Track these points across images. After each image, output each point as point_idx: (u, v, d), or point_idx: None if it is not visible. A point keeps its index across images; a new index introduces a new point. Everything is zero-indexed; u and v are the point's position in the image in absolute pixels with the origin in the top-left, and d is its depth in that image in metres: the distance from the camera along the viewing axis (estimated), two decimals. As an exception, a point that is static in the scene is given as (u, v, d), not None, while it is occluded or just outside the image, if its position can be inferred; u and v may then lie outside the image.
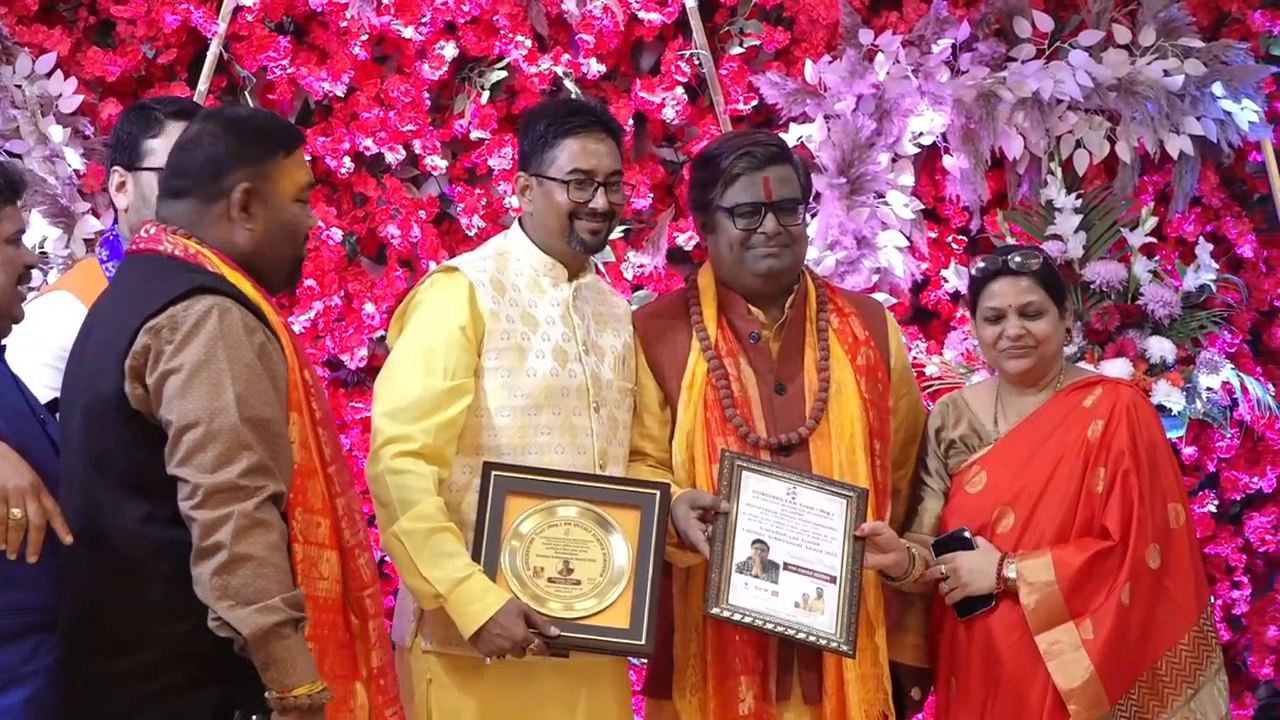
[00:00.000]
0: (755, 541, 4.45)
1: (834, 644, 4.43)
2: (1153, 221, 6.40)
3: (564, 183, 4.60)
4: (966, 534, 4.69)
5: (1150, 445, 4.73)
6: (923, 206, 6.51)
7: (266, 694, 3.63)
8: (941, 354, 6.45)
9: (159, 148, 4.43)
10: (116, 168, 4.53)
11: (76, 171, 6.08)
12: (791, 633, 4.43)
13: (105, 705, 3.70)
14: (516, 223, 4.74)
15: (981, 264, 4.85)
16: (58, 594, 3.80)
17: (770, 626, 4.43)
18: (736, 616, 4.42)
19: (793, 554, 4.47)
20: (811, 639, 4.43)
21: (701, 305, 4.73)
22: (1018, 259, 4.78)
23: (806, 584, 4.45)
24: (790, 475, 4.51)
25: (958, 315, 6.48)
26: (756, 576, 4.44)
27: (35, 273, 4.93)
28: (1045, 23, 6.52)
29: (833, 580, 4.46)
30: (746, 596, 4.43)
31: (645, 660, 4.65)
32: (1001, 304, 4.77)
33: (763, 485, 4.49)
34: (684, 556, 4.58)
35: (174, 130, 4.35)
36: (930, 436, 4.89)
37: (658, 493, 4.49)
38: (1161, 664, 4.64)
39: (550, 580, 4.43)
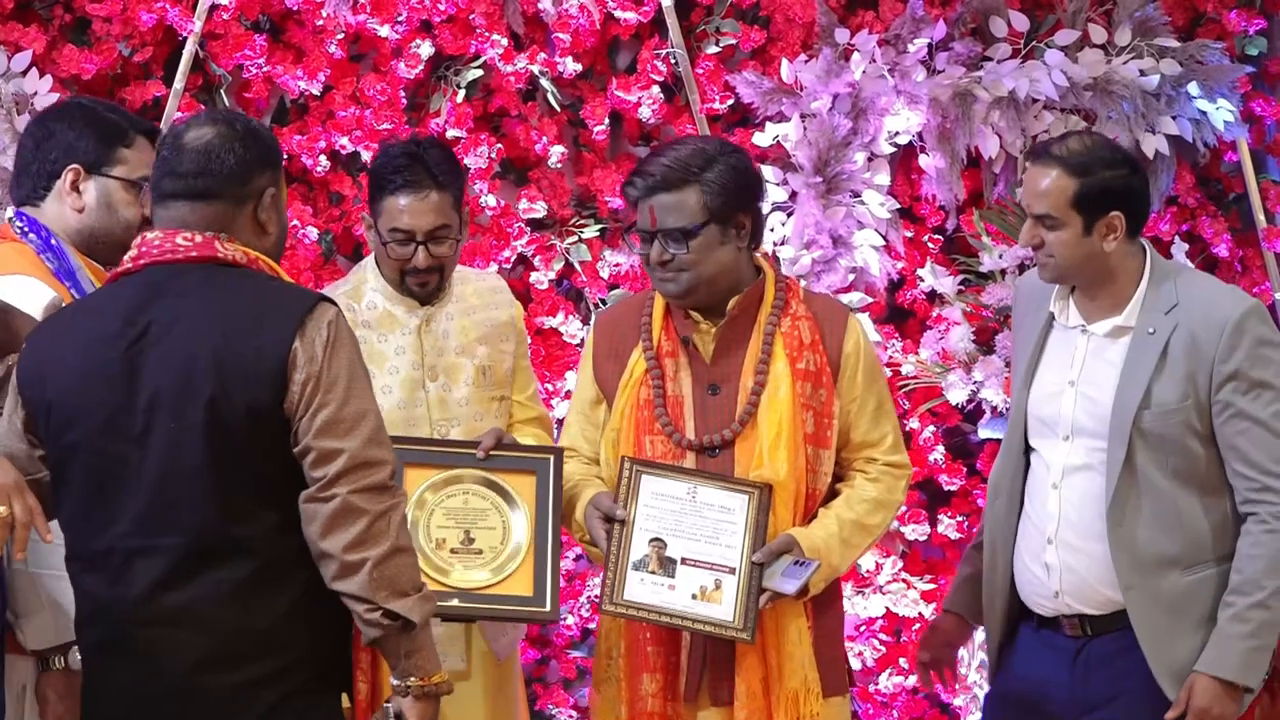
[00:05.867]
0: (653, 540, 4.48)
1: (731, 632, 4.45)
2: (1128, 221, 6.41)
3: (384, 242, 4.77)
4: None
5: None
6: (899, 205, 6.51)
7: (403, 683, 3.70)
8: (917, 353, 6.46)
9: (131, 158, 4.37)
10: (75, 166, 4.34)
11: (51, 169, 6.05)
12: (688, 624, 4.45)
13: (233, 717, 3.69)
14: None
15: None
16: None
17: (666, 619, 4.46)
18: (631, 612, 4.46)
19: (690, 549, 4.48)
20: (708, 628, 4.45)
21: (654, 306, 4.70)
22: None
23: (705, 576, 4.48)
24: (690, 476, 4.51)
25: (934, 314, 6.48)
26: (653, 572, 4.47)
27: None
28: (1021, 22, 6.53)
29: (732, 571, 4.46)
30: (642, 591, 4.45)
31: (550, 624, 4.69)
32: None
33: (662, 487, 4.50)
34: (600, 555, 4.59)
35: (142, 145, 4.33)
36: None
37: (552, 457, 4.57)
38: None
39: (453, 551, 4.46)
